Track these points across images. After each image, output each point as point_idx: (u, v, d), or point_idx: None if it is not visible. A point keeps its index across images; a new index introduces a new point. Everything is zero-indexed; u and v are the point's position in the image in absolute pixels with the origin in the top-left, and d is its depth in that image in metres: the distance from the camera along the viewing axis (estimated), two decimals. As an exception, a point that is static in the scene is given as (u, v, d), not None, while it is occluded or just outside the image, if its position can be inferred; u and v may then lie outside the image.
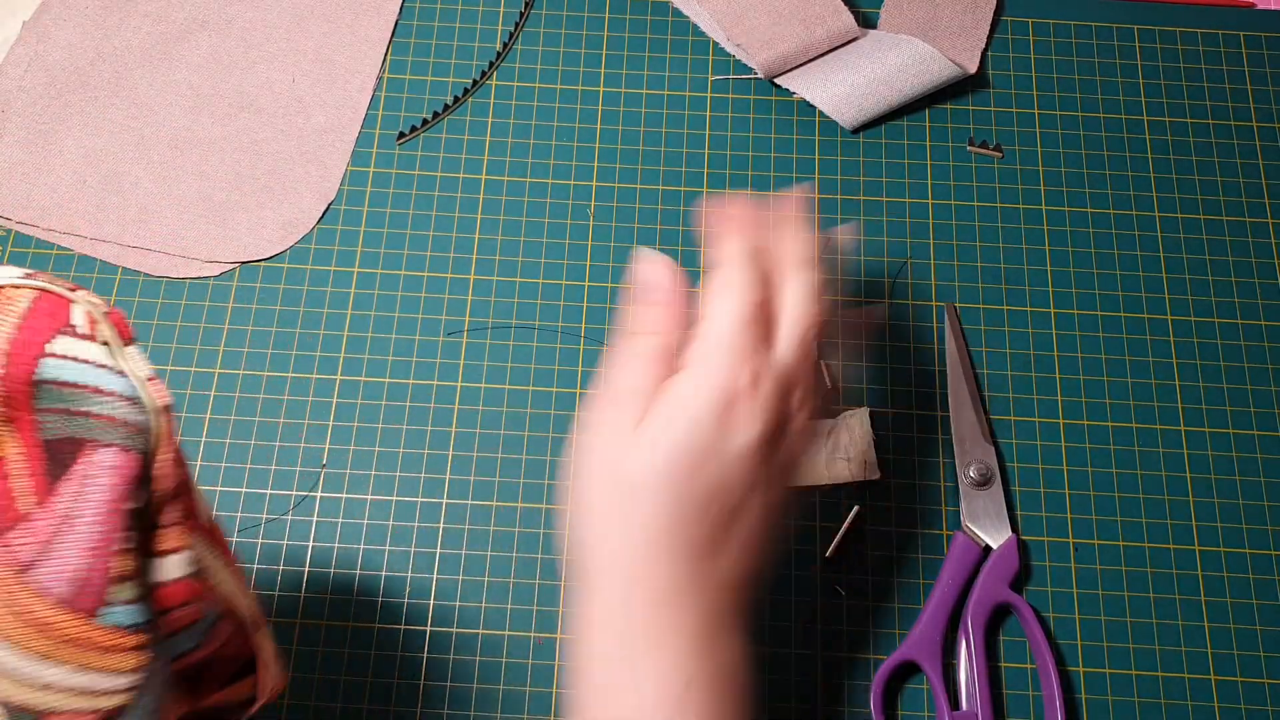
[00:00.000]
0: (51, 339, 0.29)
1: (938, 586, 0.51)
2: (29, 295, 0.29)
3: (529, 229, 0.59)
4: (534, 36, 0.64)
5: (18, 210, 0.59)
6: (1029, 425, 0.55)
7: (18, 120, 0.61)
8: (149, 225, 0.59)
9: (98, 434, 0.29)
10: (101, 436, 0.29)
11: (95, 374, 0.29)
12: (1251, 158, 0.62)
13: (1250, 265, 0.59)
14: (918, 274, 0.58)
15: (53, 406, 0.29)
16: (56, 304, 0.30)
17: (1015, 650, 0.51)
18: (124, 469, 0.29)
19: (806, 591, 0.52)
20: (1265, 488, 0.54)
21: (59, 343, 0.29)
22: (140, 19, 0.64)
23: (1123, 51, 0.64)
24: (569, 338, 0.57)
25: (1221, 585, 0.52)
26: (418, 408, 0.55)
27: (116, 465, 0.29)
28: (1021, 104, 0.63)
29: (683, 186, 0.60)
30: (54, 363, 0.29)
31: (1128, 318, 0.58)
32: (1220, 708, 0.50)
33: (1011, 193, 0.60)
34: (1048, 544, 0.53)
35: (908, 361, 0.57)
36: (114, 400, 0.29)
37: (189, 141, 0.61)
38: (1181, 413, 0.56)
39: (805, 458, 0.54)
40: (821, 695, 0.50)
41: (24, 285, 0.30)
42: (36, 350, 0.29)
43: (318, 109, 0.62)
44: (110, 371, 0.29)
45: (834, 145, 0.61)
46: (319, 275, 0.58)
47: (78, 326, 0.29)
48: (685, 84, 0.63)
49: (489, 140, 0.61)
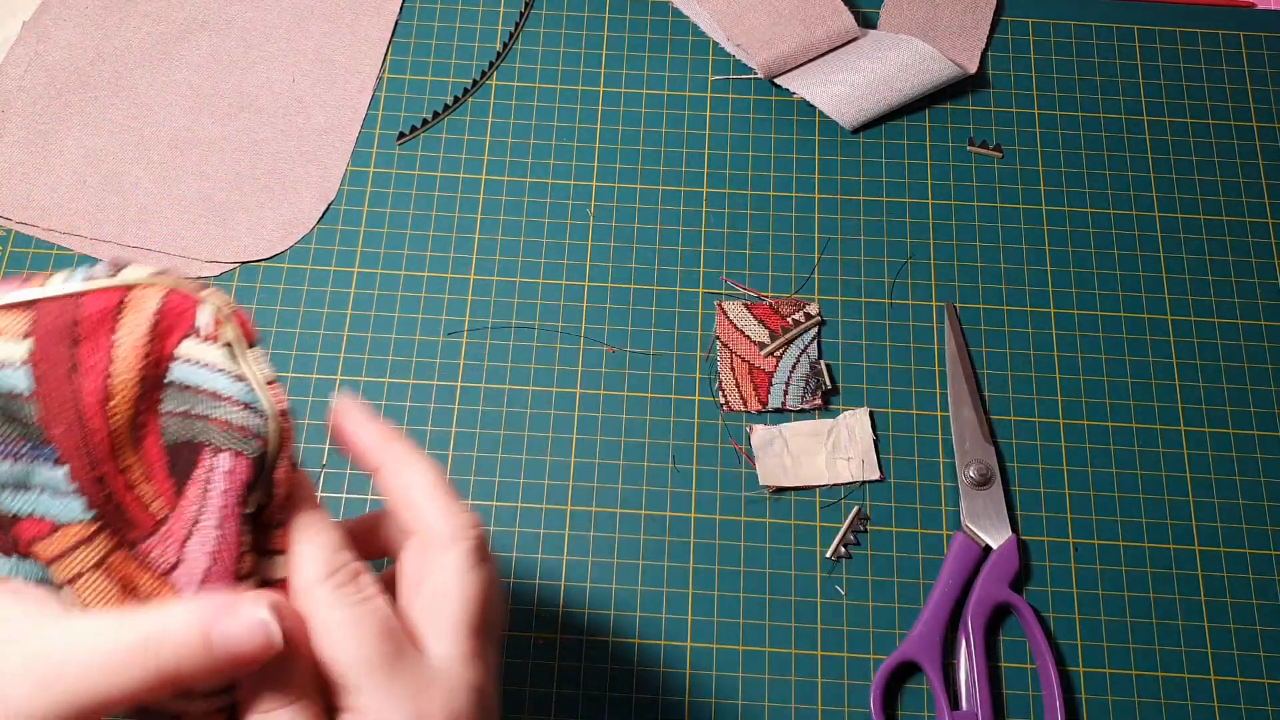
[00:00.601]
0: (179, 341, 0.29)
1: (938, 586, 0.51)
2: (158, 295, 0.29)
3: (529, 229, 0.59)
4: (534, 36, 0.64)
5: (18, 210, 0.59)
6: (1029, 425, 0.55)
7: (18, 120, 0.61)
8: (149, 225, 0.59)
9: (216, 438, 0.29)
10: (218, 441, 0.29)
11: (214, 378, 0.29)
12: (1251, 158, 0.62)
13: (1250, 265, 0.59)
14: (918, 274, 0.58)
15: (175, 409, 0.29)
16: (185, 304, 0.29)
17: (1015, 650, 0.51)
18: (238, 473, 0.29)
19: (806, 591, 0.52)
20: (1265, 488, 0.54)
21: (185, 345, 0.29)
22: (140, 19, 0.64)
23: (1123, 51, 0.64)
24: (569, 338, 0.57)
25: (1221, 585, 0.52)
26: (418, 408, 0.55)
27: (232, 470, 0.29)
28: (1021, 104, 0.63)
29: (683, 186, 0.60)
30: (178, 366, 0.29)
31: (1128, 318, 0.58)
32: (1220, 708, 0.50)
33: (1011, 193, 0.60)
34: (1048, 544, 0.53)
35: (908, 361, 0.57)
36: (231, 405, 0.29)
37: (189, 141, 0.61)
38: (1181, 413, 0.56)
39: (806, 457, 0.54)
40: (821, 695, 0.50)
41: (154, 284, 0.29)
42: (165, 353, 0.29)
43: (318, 109, 0.62)
44: (229, 376, 0.29)
45: (834, 145, 0.61)
46: (319, 275, 0.58)
47: (202, 329, 0.29)
48: (685, 84, 0.63)
49: (489, 140, 0.61)
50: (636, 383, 0.56)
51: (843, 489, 0.54)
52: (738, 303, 0.57)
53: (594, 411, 0.55)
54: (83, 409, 0.28)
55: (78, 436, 0.28)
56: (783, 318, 0.57)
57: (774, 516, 0.53)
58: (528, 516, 0.53)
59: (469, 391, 0.55)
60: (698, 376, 0.56)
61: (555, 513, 0.53)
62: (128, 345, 0.29)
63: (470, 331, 0.57)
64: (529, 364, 0.56)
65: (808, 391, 0.55)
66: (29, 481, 0.29)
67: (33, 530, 0.29)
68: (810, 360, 0.56)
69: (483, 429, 0.55)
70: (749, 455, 0.54)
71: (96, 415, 0.28)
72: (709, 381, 0.56)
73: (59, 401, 0.28)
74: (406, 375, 0.56)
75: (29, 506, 0.29)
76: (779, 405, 0.55)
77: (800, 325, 0.57)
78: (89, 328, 0.29)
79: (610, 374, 0.56)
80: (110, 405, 0.29)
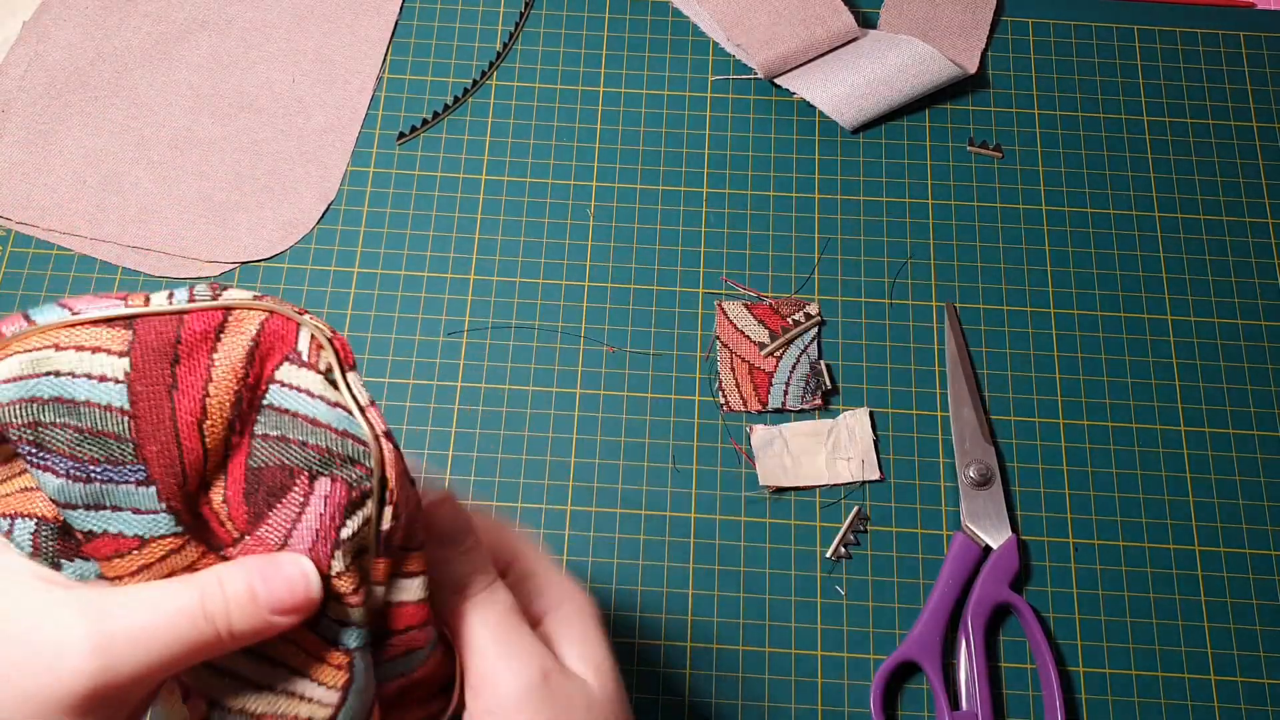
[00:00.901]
0: (278, 365, 0.29)
1: (938, 586, 0.51)
2: (258, 318, 0.29)
3: (529, 229, 0.59)
4: (534, 36, 0.64)
5: (18, 210, 0.59)
6: (1029, 425, 0.55)
7: (18, 120, 0.61)
8: (149, 225, 0.59)
9: (312, 464, 0.29)
10: (314, 466, 0.29)
11: (311, 404, 0.29)
12: (1251, 158, 0.62)
13: (1250, 265, 0.59)
14: (918, 274, 0.58)
15: (270, 433, 0.29)
16: (285, 327, 0.29)
17: (1015, 650, 0.51)
18: (334, 498, 0.29)
19: (806, 591, 0.52)
20: (1265, 488, 0.54)
21: (283, 369, 0.29)
22: (140, 19, 0.64)
23: (1123, 51, 0.64)
24: (569, 338, 0.57)
25: (1221, 585, 0.52)
26: (418, 408, 0.55)
27: (327, 495, 0.29)
28: (1021, 104, 0.63)
29: (683, 186, 0.60)
30: (276, 389, 0.29)
31: (1128, 318, 0.58)
32: (1220, 708, 0.50)
33: (1011, 193, 0.60)
34: (1048, 544, 0.53)
35: (908, 361, 0.57)
36: (327, 432, 0.29)
37: (189, 141, 0.61)
38: (1181, 413, 0.56)
39: (806, 457, 0.54)
40: (821, 695, 0.50)
41: (255, 308, 0.30)
42: (264, 376, 0.29)
43: (318, 109, 0.62)
44: (325, 403, 0.29)
45: (834, 145, 0.61)
46: (319, 275, 0.58)
47: (302, 353, 0.29)
48: (685, 84, 0.63)
49: (489, 140, 0.61)
50: (636, 383, 0.56)
51: (843, 489, 0.54)
52: (738, 303, 0.57)
53: (594, 411, 0.55)
54: (179, 427, 0.28)
55: (172, 454, 0.28)
56: (783, 318, 0.57)
57: (774, 516, 0.53)
58: (528, 516, 0.53)
59: (469, 391, 0.55)
60: (698, 376, 0.56)
61: (555, 513, 0.53)
62: (226, 366, 0.29)
63: (470, 331, 0.57)
64: (529, 364, 0.56)
65: (808, 391, 0.55)
66: (104, 501, 0.28)
67: (111, 546, 0.29)
68: (810, 360, 0.56)
69: (483, 429, 0.55)
70: (749, 455, 0.54)
71: (192, 434, 0.28)
72: (709, 381, 0.56)
73: (155, 419, 0.28)
74: (406, 375, 0.56)
75: (103, 524, 0.29)
76: (779, 405, 0.55)
77: (800, 325, 0.57)
78: (189, 347, 0.29)
79: (610, 374, 0.56)
80: (206, 424, 0.29)
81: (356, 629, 0.30)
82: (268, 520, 0.29)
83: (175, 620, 0.27)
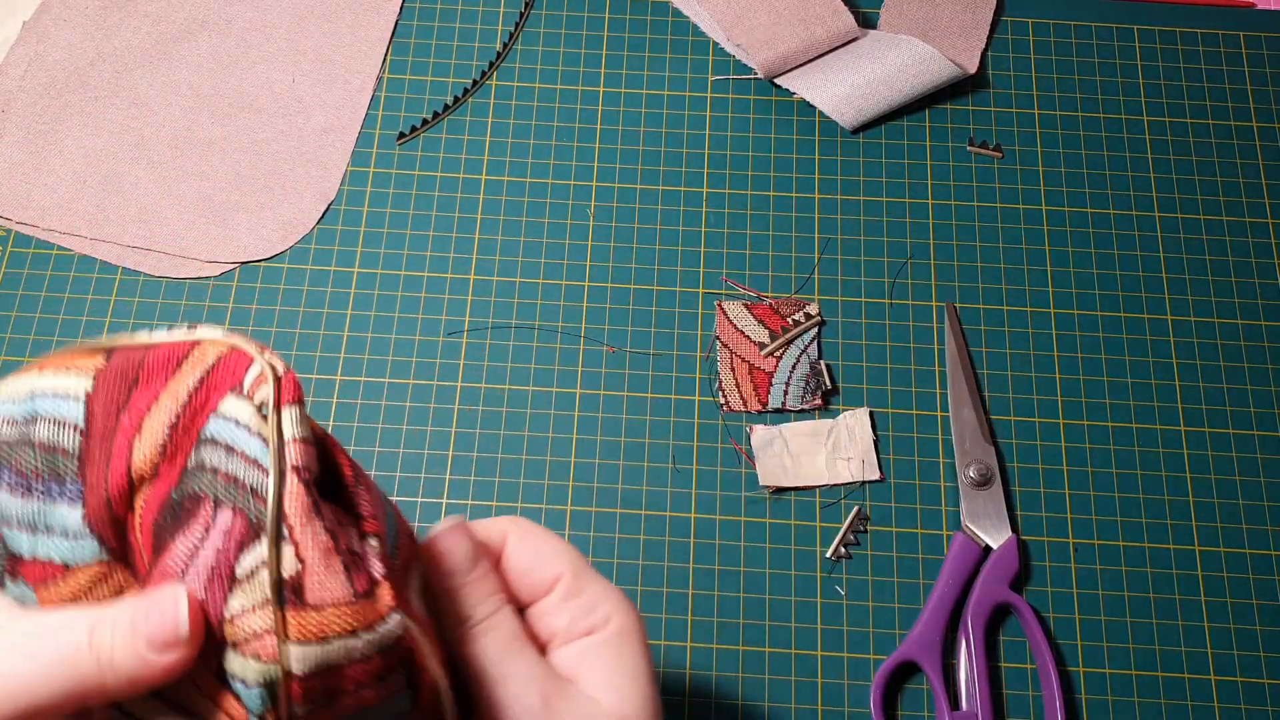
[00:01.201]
0: (223, 397, 0.29)
1: (938, 586, 0.51)
2: (217, 351, 0.30)
3: (529, 229, 0.59)
4: (534, 36, 0.64)
5: (18, 210, 0.59)
6: (1029, 425, 0.55)
7: (18, 120, 0.61)
8: (149, 225, 0.59)
9: (219, 491, 0.28)
10: (219, 493, 0.28)
11: (235, 432, 0.28)
12: (1251, 158, 0.62)
13: (1250, 265, 0.59)
14: (918, 274, 0.58)
15: (197, 461, 0.29)
16: (239, 362, 0.29)
17: (1015, 650, 0.51)
18: (233, 531, 0.27)
19: (806, 591, 0.52)
20: (1265, 488, 0.54)
21: (226, 401, 0.29)
22: (140, 19, 0.64)
23: (1123, 51, 0.64)
24: (569, 338, 0.57)
25: (1221, 585, 0.52)
26: (418, 408, 0.55)
27: (227, 528, 0.27)
28: (1021, 104, 0.63)
29: (683, 186, 0.60)
30: (214, 419, 0.29)
31: (1128, 318, 0.58)
32: (1220, 708, 0.50)
33: (1011, 193, 0.60)
34: (1048, 544, 0.53)
35: (908, 361, 0.57)
36: (240, 459, 0.28)
37: (189, 141, 0.61)
38: (1181, 413, 0.56)
39: (806, 457, 0.54)
40: (821, 695, 0.50)
41: (220, 340, 0.30)
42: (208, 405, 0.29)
43: (318, 109, 0.62)
44: (248, 432, 0.28)
45: (834, 145, 0.61)
46: (319, 275, 0.58)
47: (244, 386, 0.29)
48: (685, 84, 0.63)
49: (489, 140, 0.61)
50: (636, 383, 0.56)
51: (843, 489, 0.54)
52: (738, 303, 0.57)
53: (594, 411, 0.55)
54: (114, 446, 0.28)
55: (102, 473, 0.28)
56: (783, 318, 0.57)
57: (774, 516, 0.53)
58: (528, 516, 0.53)
59: (469, 391, 0.55)
60: (698, 376, 0.56)
61: (555, 513, 0.53)
62: (172, 390, 0.29)
63: (470, 331, 0.57)
64: (529, 364, 0.56)
65: (808, 391, 0.55)
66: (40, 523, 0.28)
67: (42, 573, 0.28)
68: (810, 360, 0.56)
69: (483, 429, 0.55)
70: (749, 455, 0.54)
71: (122, 453, 0.28)
72: (709, 381, 0.56)
73: (100, 438, 0.28)
74: (406, 375, 0.56)
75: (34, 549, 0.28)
76: (779, 405, 0.55)
77: (800, 325, 0.57)
78: (149, 373, 0.29)
79: (610, 374, 0.56)
80: (138, 443, 0.29)
81: (259, 690, 0.27)
82: (170, 549, 0.28)
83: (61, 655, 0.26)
